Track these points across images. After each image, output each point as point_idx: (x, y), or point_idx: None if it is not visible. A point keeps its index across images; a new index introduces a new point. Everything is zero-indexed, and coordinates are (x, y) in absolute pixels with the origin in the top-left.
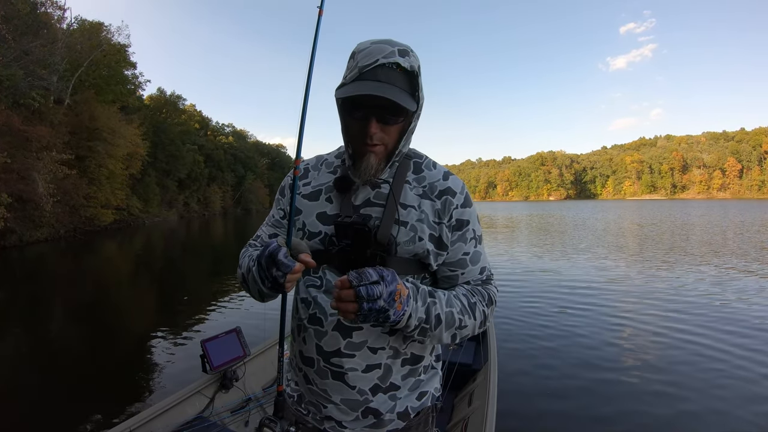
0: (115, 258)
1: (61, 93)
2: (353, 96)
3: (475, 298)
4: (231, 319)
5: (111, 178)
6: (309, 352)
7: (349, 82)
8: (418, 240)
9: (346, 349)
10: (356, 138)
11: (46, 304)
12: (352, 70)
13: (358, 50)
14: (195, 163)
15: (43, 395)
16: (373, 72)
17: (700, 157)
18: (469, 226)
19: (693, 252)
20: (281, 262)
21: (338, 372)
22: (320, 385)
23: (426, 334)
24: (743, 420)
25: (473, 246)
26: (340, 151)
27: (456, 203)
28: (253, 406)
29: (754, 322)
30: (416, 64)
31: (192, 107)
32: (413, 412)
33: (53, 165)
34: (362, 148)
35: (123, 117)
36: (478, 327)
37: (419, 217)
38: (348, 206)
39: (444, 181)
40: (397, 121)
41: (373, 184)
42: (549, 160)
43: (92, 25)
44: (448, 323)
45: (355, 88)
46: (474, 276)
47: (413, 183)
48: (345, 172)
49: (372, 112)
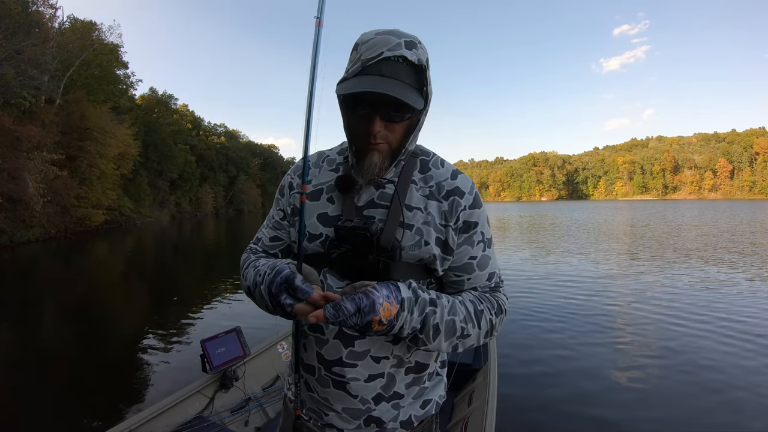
0: (108, 259)
1: (53, 92)
2: (355, 92)
3: (482, 305)
4: (231, 319)
5: (102, 178)
6: (310, 360)
7: (351, 76)
8: (424, 244)
9: (347, 358)
10: (359, 136)
11: (40, 305)
12: (355, 63)
13: (362, 41)
14: (187, 164)
15: (43, 396)
16: (377, 66)
17: (692, 158)
18: (477, 229)
19: (691, 252)
20: (299, 287)
21: (340, 381)
22: (321, 393)
23: (418, 343)
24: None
25: (481, 250)
26: (342, 147)
27: (464, 204)
28: (253, 405)
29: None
30: (424, 57)
31: (184, 107)
32: (417, 420)
33: (44, 165)
34: (365, 147)
35: (114, 117)
36: (484, 336)
37: (425, 220)
38: (350, 208)
39: (452, 181)
40: (403, 119)
41: (378, 184)
42: (541, 160)
43: (84, 24)
44: (447, 332)
45: (357, 83)
46: (481, 282)
47: (419, 183)
48: (348, 171)
49: (376, 109)
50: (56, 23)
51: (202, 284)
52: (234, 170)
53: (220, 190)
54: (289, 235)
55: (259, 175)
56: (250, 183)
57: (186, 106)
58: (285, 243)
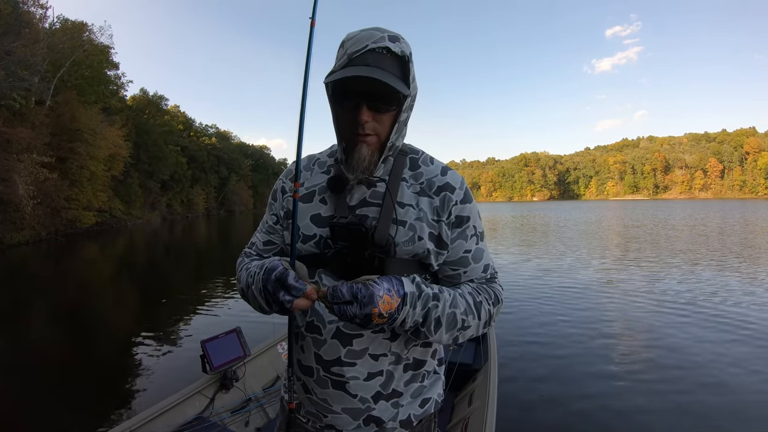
0: (102, 260)
1: (43, 94)
2: (344, 83)
3: (480, 296)
4: (231, 319)
5: (92, 179)
6: (308, 361)
7: (338, 69)
8: (418, 239)
9: (346, 357)
10: (347, 129)
11: (32, 307)
12: (341, 57)
13: (348, 39)
14: (178, 165)
15: (43, 398)
16: (362, 57)
17: (682, 157)
18: (469, 223)
19: (685, 251)
20: (292, 285)
21: (339, 381)
22: (320, 394)
23: (420, 336)
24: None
25: (475, 243)
26: (332, 150)
27: (455, 199)
28: (253, 406)
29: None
30: (407, 50)
31: (175, 108)
32: (416, 420)
33: (34, 167)
34: (354, 139)
35: (105, 118)
36: (483, 327)
37: (418, 216)
38: (343, 207)
39: (442, 177)
40: (389, 109)
41: (369, 182)
42: (533, 161)
43: (75, 24)
44: (448, 325)
45: (343, 72)
46: (477, 274)
47: (410, 180)
48: (339, 171)
49: (363, 99)
50: (47, 23)
51: (201, 285)
52: (225, 171)
53: (211, 191)
54: (282, 239)
55: (250, 176)
56: (242, 184)
57: (177, 107)
58: (278, 246)
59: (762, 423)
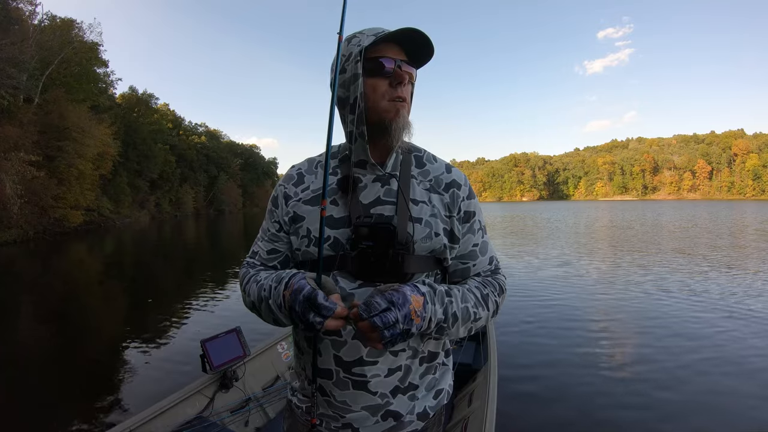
0: (92, 260)
1: (31, 91)
2: (382, 51)
3: (487, 289)
4: (231, 319)
5: (81, 178)
6: (326, 364)
7: (379, 40)
8: (435, 236)
9: (368, 356)
10: (381, 98)
11: (23, 308)
12: (368, 36)
13: (353, 35)
14: (167, 163)
15: (42, 398)
16: (398, 30)
17: (671, 159)
18: (475, 217)
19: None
20: (323, 305)
21: (361, 381)
22: (339, 397)
23: (443, 332)
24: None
25: (481, 236)
26: (334, 150)
27: (462, 195)
28: (253, 406)
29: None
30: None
31: (165, 106)
32: (432, 411)
33: (21, 166)
34: (392, 108)
35: (94, 116)
36: (491, 317)
37: (432, 212)
38: (357, 206)
39: (448, 174)
40: (423, 64)
41: (382, 179)
42: (522, 161)
43: (64, 21)
44: (464, 318)
45: (393, 32)
46: (484, 267)
47: (419, 177)
48: (346, 172)
49: (404, 52)
50: (36, 20)
51: (200, 285)
52: (215, 170)
53: (200, 190)
54: (288, 246)
55: (240, 175)
56: (231, 183)
57: (167, 105)
58: (283, 254)
59: (762, 423)
